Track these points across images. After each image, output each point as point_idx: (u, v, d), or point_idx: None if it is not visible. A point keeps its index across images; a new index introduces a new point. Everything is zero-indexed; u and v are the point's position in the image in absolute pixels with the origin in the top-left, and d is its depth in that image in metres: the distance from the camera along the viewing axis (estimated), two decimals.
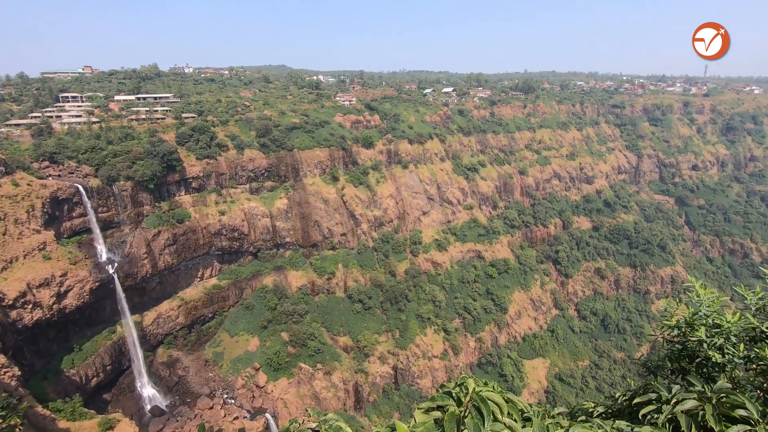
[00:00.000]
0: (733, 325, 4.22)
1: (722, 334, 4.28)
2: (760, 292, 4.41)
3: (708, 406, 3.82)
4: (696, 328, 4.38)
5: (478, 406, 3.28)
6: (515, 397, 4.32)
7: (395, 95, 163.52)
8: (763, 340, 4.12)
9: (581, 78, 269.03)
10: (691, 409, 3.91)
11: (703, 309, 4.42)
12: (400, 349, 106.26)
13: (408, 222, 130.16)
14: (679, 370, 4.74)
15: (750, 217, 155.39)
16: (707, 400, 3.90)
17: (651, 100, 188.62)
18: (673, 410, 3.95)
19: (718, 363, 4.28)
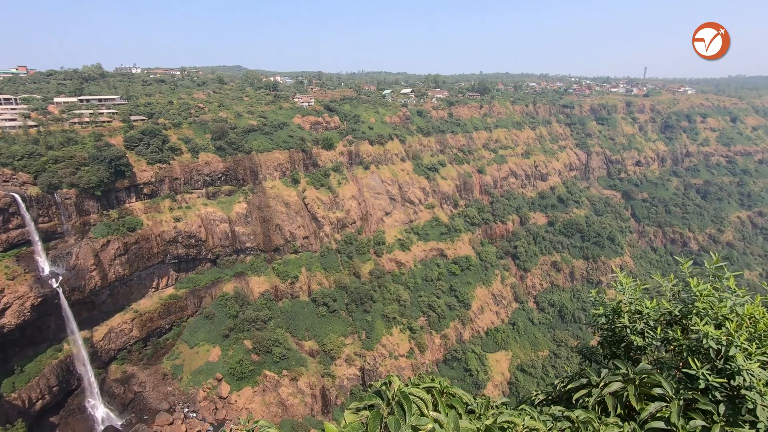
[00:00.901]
0: (651, 310, 4.61)
1: (642, 319, 4.67)
2: (673, 280, 4.83)
3: (630, 387, 4.16)
4: (621, 315, 4.77)
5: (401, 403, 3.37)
6: (460, 391, 4.50)
7: (355, 96, 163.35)
8: (677, 323, 4.53)
9: (533, 79, 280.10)
10: (617, 390, 4.24)
11: (626, 297, 4.80)
12: (366, 350, 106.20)
13: (371, 223, 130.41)
14: (610, 354, 5.11)
15: (687, 209, 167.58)
16: (631, 382, 4.25)
17: (597, 101, 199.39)
18: (601, 393, 4.26)
19: (640, 346, 4.67)
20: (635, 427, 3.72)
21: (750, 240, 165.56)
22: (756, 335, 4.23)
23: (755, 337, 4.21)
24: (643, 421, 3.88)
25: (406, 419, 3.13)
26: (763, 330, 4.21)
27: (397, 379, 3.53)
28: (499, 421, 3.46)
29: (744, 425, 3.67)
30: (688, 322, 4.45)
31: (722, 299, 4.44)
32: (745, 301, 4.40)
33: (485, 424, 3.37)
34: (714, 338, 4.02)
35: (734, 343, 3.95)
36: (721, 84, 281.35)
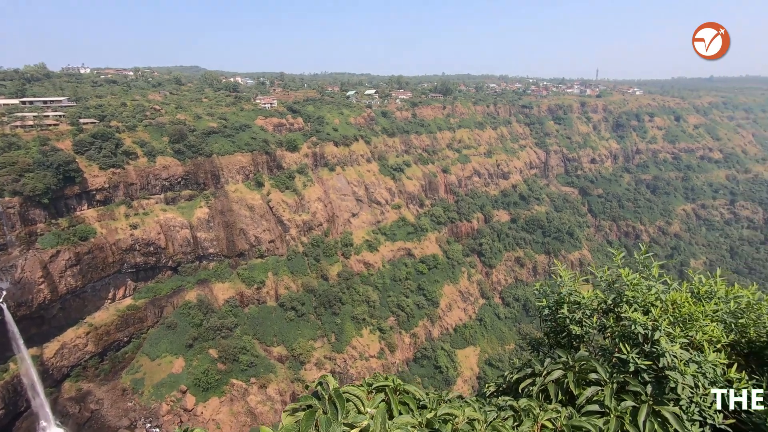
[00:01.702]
0: (588, 300, 4.91)
1: (580, 309, 4.96)
2: (607, 270, 5.15)
3: (570, 374, 4.42)
4: (561, 306, 5.05)
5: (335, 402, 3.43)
6: (412, 388, 4.60)
7: (318, 97, 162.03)
8: (611, 311, 4.85)
9: (493, 80, 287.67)
10: (559, 378, 4.48)
11: (565, 289, 5.07)
12: (336, 353, 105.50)
13: (338, 224, 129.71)
14: (555, 344, 5.39)
15: (639, 203, 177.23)
16: (570, 369, 4.50)
17: (554, 101, 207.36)
18: (544, 381, 4.49)
19: (579, 335, 4.95)
20: (572, 411, 3.95)
21: (695, 231, 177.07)
22: (680, 319, 4.59)
23: (679, 321, 4.57)
24: (580, 405, 4.12)
25: (338, 417, 3.18)
26: (687, 314, 4.57)
27: (331, 378, 3.58)
28: (440, 414, 3.59)
29: (669, 403, 3.96)
30: (620, 309, 4.77)
31: (649, 288, 4.78)
32: (668, 289, 4.76)
33: (426, 418, 3.48)
34: (641, 324, 4.33)
35: (659, 328, 4.27)
36: (665, 85, 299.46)
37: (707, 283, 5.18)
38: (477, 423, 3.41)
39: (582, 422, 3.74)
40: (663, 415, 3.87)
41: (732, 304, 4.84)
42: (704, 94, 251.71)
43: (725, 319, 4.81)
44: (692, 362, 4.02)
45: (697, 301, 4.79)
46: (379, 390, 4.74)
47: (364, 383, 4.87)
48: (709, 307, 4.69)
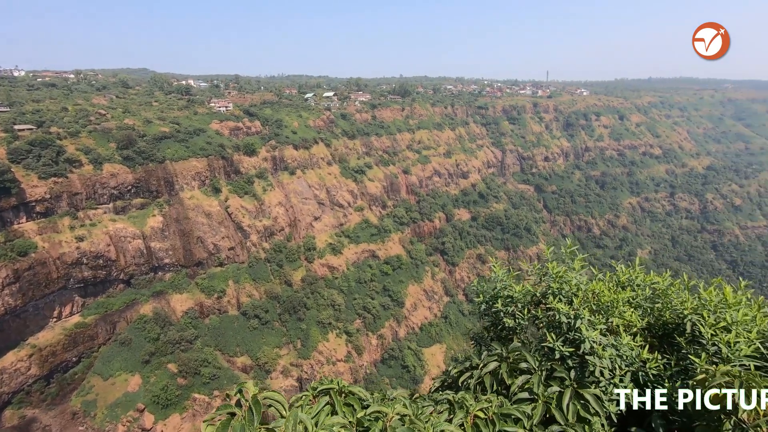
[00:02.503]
0: (519, 294, 5.20)
1: (514, 303, 5.25)
2: (537, 265, 5.47)
3: (504, 365, 4.66)
4: (496, 301, 5.32)
5: None
6: (356, 389, 4.68)
7: (276, 100, 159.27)
8: (540, 303, 5.16)
9: (450, 82, 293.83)
10: (494, 369, 4.72)
11: (499, 284, 5.35)
12: (303, 359, 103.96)
13: (300, 229, 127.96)
14: (494, 337, 5.65)
15: (589, 198, 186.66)
16: (504, 360, 4.75)
17: (508, 102, 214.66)
18: (481, 373, 4.71)
19: (512, 327, 5.24)
20: (503, 400, 4.17)
21: (640, 222, 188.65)
22: (601, 307, 4.96)
23: (600, 309, 4.93)
24: (513, 394, 4.36)
25: (254, 423, 3.22)
26: (607, 302, 4.95)
27: (250, 384, 3.61)
28: (369, 413, 3.69)
29: (591, 386, 4.27)
30: (547, 301, 5.08)
31: (571, 279, 5.13)
32: (590, 280, 5.13)
33: (356, 417, 3.58)
34: (564, 313, 4.64)
35: (580, 316, 4.59)
36: (609, 86, 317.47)
37: (626, 272, 5.61)
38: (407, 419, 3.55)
39: (511, 410, 3.96)
40: (585, 397, 4.17)
41: (647, 290, 5.28)
42: (644, 94, 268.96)
43: (642, 304, 5.23)
44: (609, 346, 4.36)
45: (618, 289, 5.19)
46: (324, 393, 4.80)
47: (310, 388, 4.91)
48: (626, 295, 5.10)
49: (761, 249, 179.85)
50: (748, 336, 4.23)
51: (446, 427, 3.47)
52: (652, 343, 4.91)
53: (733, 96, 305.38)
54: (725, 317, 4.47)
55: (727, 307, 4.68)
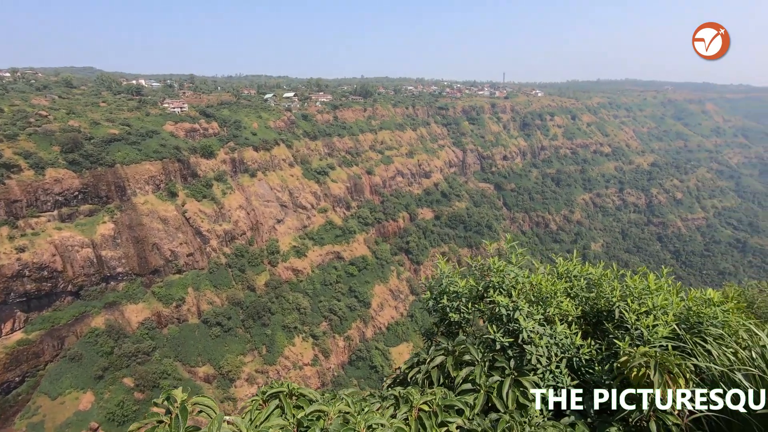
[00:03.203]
0: (464, 289, 5.40)
1: (459, 297, 5.44)
2: (480, 260, 5.69)
3: (449, 359, 4.82)
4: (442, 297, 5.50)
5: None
6: (307, 390, 4.68)
7: (234, 101, 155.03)
8: (483, 297, 5.39)
9: (410, 83, 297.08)
10: (441, 363, 4.87)
11: (445, 280, 5.53)
12: (268, 365, 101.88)
13: (263, 232, 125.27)
14: (445, 333, 5.83)
15: (546, 195, 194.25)
16: (450, 353, 4.91)
17: (468, 102, 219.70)
18: (428, 368, 4.85)
19: (458, 321, 5.43)
20: (447, 392, 4.32)
21: (593, 217, 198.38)
22: (540, 299, 5.24)
23: (538, 300, 5.21)
24: (457, 385, 4.52)
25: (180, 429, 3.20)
26: (545, 294, 5.23)
27: (178, 391, 3.57)
28: (308, 412, 3.74)
29: (530, 374, 4.50)
30: (488, 295, 5.31)
31: (510, 273, 5.38)
32: (527, 273, 5.40)
33: (297, 418, 3.61)
34: (504, 305, 4.86)
35: (518, 308, 4.83)
36: (562, 88, 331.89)
37: (564, 264, 5.94)
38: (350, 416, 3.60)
39: (454, 401, 4.11)
40: (524, 384, 4.39)
41: (582, 281, 5.62)
42: (594, 95, 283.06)
43: (579, 294, 5.57)
44: (546, 335, 4.61)
45: (555, 280, 5.49)
46: (273, 396, 4.77)
47: (259, 392, 4.87)
48: (561, 286, 5.41)
49: (700, 239, 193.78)
50: (665, 319, 4.62)
51: (379, 420, 3.55)
52: (586, 330, 5.23)
53: (673, 97, 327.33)
54: (647, 303, 4.86)
55: (650, 293, 5.08)
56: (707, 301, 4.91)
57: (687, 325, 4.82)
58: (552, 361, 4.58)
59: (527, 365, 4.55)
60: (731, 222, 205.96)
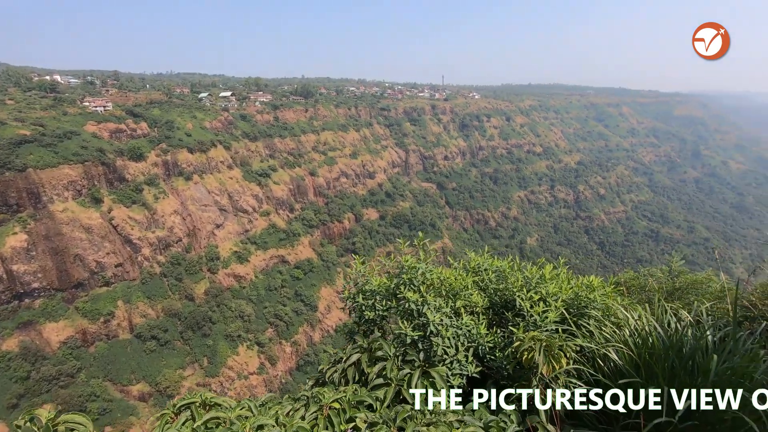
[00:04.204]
0: (377, 287, 5.57)
1: (373, 295, 5.62)
2: (393, 259, 5.90)
3: (364, 356, 4.95)
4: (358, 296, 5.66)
5: None
6: (220, 399, 4.59)
7: (165, 100, 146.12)
8: (396, 294, 5.60)
9: (352, 84, 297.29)
10: (356, 361, 4.99)
11: (361, 279, 5.67)
12: (211, 377, 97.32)
13: (201, 238, 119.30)
14: (365, 331, 5.96)
15: (485, 193, 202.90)
16: (365, 351, 5.04)
17: (409, 104, 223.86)
18: (344, 366, 4.94)
19: (373, 319, 5.60)
20: (358, 388, 4.44)
21: (528, 213, 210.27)
22: (450, 293, 5.54)
23: (448, 294, 5.51)
24: (371, 381, 4.66)
25: None
26: (456, 288, 5.55)
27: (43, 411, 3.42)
28: (204, 420, 3.70)
29: (439, 364, 4.74)
30: (399, 291, 5.53)
31: (419, 269, 5.65)
32: (433, 269, 5.70)
33: (193, 427, 3.56)
34: (413, 301, 5.08)
35: (426, 303, 5.07)
36: (497, 90, 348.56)
37: (476, 258, 6.31)
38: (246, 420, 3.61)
39: (364, 396, 4.24)
40: (432, 375, 4.62)
41: (490, 273, 6.02)
42: (526, 98, 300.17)
43: (489, 286, 5.95)
44: (452, 327, 4.89)
45: (465, 274, 5.83)
46: (185, 408, 4.63)
47: (169, 406, 4.70)
48: (469, 279, 5.76)
49: (621, 230, 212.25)
50: (556, 305, 5.09)
51: (266, 421, 3.59)
52: (493, 319, 5.61)
53: (594, 101, 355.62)
54: (541, 291, 5.32)
55: (545, 282, 5.56)
56: (589, 287, 5.49)
57: (574, 310, 5.36)
58: (459, 351, 4.85)
59: (434, 357, 4.79)
60: (646, 214, 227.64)
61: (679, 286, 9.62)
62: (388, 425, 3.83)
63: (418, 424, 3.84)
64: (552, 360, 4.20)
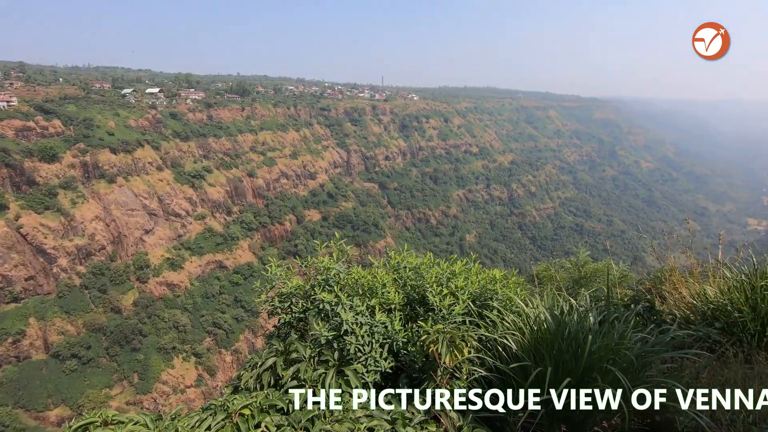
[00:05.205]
0: (293, 288, 5.58)
1: (288, 298, 5.61)
2: (310, 260, 5.94)
3: (280, 359, 4.92)
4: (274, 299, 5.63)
5: None
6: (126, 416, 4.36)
7: (82, 95, 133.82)
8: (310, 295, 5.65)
9: (291, 83, 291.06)
10: (272, 365, 4.95)
11: (277, 281, 5.65)
12: (142, 394, 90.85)
13: (127, 245, 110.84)
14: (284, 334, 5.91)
15: (425, 192, 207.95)
16: (281, 354, 5.01)
17: (349, 104, 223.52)
18: (259, 371, 4.88)
19: (289, 321, 5.60)
20: (270, 392, 4.41)
21: (466, 211, 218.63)
22: (366, 292, 5.68)
23: (365, 293, 5.65)
24: (285, 383, 4.65)
25: None
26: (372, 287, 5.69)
27: None
28: None
29: (353, 362, 4.83)
30: (313, 292, 5.58)
31: (332, 269, 5.74)
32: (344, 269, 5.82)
33: None
34: (327, 301, 5.14)
35: (340, 302, 5.16)
36: (435, 92, 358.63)
37: (395, 257, 6.50)
38: None
39: (275, 399, 4.22)
40: (346, 373, 4.70)
41: (408, 271, 6.24)
42: (462, 100, 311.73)
43: (408, 283, 6.15)
44: (365, 325, 5.01)
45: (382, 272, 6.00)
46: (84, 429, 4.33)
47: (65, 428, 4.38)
48: (388, 277, 5.95)
49: (550, 225, 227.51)
50: (463, 298, 5.41)
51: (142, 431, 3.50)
52: (410, 315, 5.82)
53: (524, 104, 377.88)
54: (450, 285, 5.62)
55: (454, 276, 5.88)
56: (493, 279, 5.90)
57: (480, 302, 5.72)
58: (373, 348, 4.98)
59: (348, 355, 4.88)
60: (572, 210, 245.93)
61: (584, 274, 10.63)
62: (294, 426, 3.86)
63: (326, 422, 3.90)
64: (455, 350, 4.46)
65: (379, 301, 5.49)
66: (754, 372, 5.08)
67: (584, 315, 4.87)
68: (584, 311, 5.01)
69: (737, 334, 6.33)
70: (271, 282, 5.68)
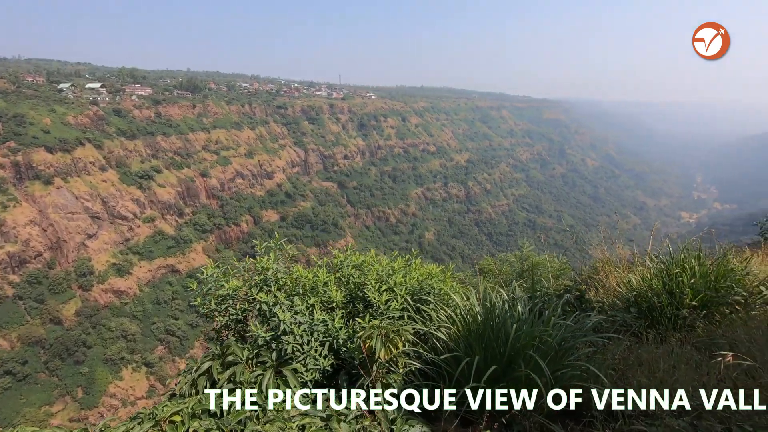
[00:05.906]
0: (231, 290, 5.48)
1: (225, 300, 5.52)
2: (248, 260, 5.86)
3: (216, 362, 4.82)
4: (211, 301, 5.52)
5: None
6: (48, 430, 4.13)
7: (12, 90, 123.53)
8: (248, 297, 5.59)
9: (245, 80, 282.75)
10: (207, 369, 4.84)
11: (213, 283, 5.53)
12: (87, 409, 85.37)
13: (68, 251, 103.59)
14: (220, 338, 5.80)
15: (384, 191, 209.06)
16: (218, 357, 4.91)
17: (306, 103, 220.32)
18: (194, 376, 4.76)
19: (227, 323, 5.51)
20: (203, 396, 4.32)
21: (425, 209, 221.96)
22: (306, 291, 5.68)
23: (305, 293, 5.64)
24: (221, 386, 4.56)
25: None
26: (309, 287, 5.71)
27: None
28: None
29: (292, 362, 4.81)
30: (250, 293, 5.52)
31: (269, 269, 5.70)
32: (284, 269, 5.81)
33: None
34: (265, 302, 5.10)
35: (278, 302, 5.13)
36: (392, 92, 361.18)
37: (339, 256, 6.54)
38: None
39: (208, 405, 4.13)
40: (285, 373, 4.68)
41: (351, 269, 6.29)
42: (419, 99, 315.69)
43: (351, 281, 6.20)
44: (303, 324, 5.01)
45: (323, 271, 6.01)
46: None
47: None
48: (330, 277, 5.98)
49: (505, 222, 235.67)
50: (400, 294, 5.55)
51: None
52: (352, 312, 5.87)
53: (479, 104, 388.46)
54: (389, 282, 5.74)
55: (395, 273, 6.00)
56: (430, 274, 6.09)
57: (417, 297, 5.89)
58: (312, 347, 4.99)
59: (286, 355, 4.86)
60: (524, 206, 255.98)
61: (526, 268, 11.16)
62: (222, 429, 3.80)
63: (257, 424, 3.87)
64: (390, 345, 4.57)
65: (320, 299, 5.50)
66: (666, 350, 5.57)
67: (513, 304, 5.12)
68: (512, 301, 5.26)
69: (656, 318, 6.90)
70: (207, 285, 5.54)
